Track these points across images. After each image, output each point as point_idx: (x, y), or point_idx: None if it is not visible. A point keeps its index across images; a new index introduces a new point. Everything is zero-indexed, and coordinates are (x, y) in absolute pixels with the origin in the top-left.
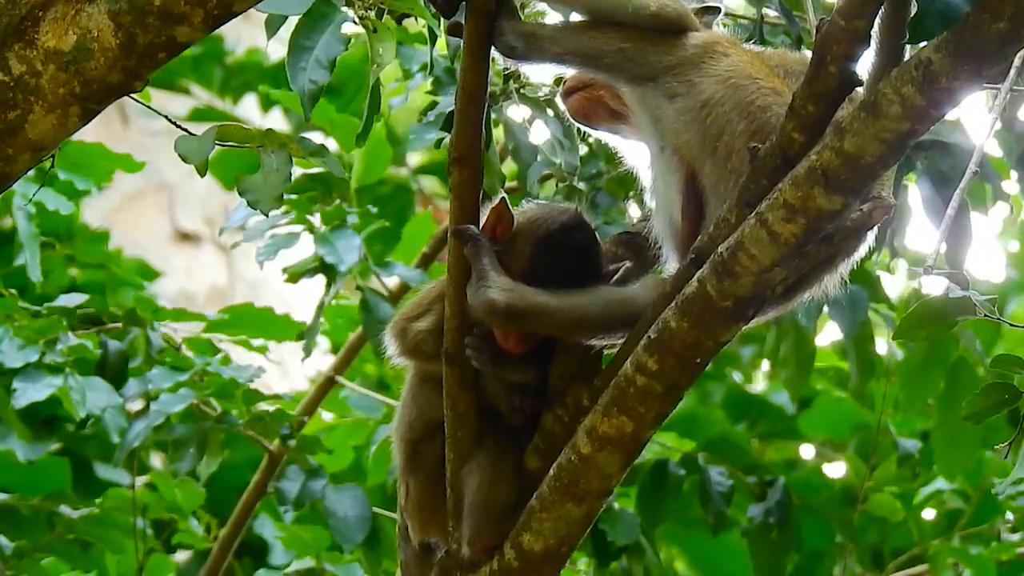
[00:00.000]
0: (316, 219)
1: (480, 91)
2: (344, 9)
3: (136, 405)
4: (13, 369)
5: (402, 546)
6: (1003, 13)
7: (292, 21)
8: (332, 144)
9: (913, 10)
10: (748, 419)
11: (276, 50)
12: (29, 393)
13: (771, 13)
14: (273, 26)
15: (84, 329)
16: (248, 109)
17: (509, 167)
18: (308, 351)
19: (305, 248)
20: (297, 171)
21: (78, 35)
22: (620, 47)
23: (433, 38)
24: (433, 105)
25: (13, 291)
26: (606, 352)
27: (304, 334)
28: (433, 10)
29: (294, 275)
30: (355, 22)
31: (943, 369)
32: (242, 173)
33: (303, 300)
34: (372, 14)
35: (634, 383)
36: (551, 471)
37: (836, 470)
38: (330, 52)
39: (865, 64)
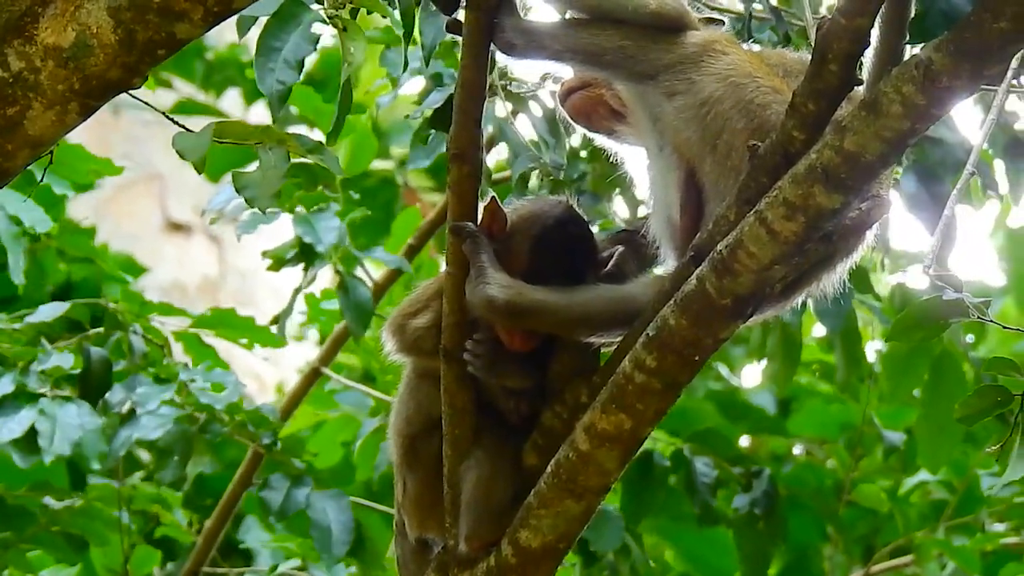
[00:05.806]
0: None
1: (479, 87)
2: (315, 8)
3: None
4: None
5: (399, 541)
6: (1004, 12)
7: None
8: (318, 135)
9: (915, 9)
10: (730, 416)
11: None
12: (5, 431)
13: (759, 7)
14: (244, 26)
15: (68, 336)
16: (231, 101)
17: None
18: (280, 332)
19: (288, 231)
20: None
21: (77, 31)
22: (620, 44)
23: (408, 36)
24: (421, 101)
25: None
26: (604, 350)
27: (278, 317)
28: (432, 7)
29: (277, 261)
30: (326, 21)
31: (928, 362)
32: (228, 166)
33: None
34: (343, 12)
35: (633, 380)
36: (549, 468)
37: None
38: (299, 52)
39: (866, 63)
